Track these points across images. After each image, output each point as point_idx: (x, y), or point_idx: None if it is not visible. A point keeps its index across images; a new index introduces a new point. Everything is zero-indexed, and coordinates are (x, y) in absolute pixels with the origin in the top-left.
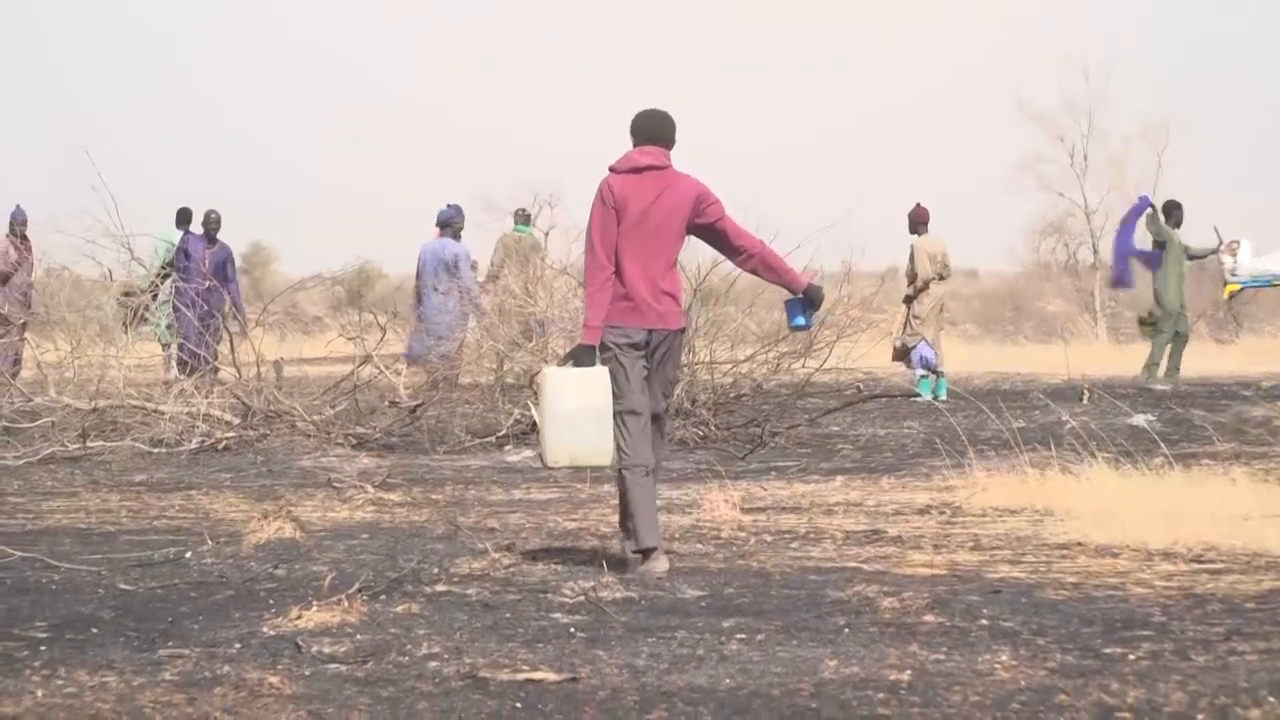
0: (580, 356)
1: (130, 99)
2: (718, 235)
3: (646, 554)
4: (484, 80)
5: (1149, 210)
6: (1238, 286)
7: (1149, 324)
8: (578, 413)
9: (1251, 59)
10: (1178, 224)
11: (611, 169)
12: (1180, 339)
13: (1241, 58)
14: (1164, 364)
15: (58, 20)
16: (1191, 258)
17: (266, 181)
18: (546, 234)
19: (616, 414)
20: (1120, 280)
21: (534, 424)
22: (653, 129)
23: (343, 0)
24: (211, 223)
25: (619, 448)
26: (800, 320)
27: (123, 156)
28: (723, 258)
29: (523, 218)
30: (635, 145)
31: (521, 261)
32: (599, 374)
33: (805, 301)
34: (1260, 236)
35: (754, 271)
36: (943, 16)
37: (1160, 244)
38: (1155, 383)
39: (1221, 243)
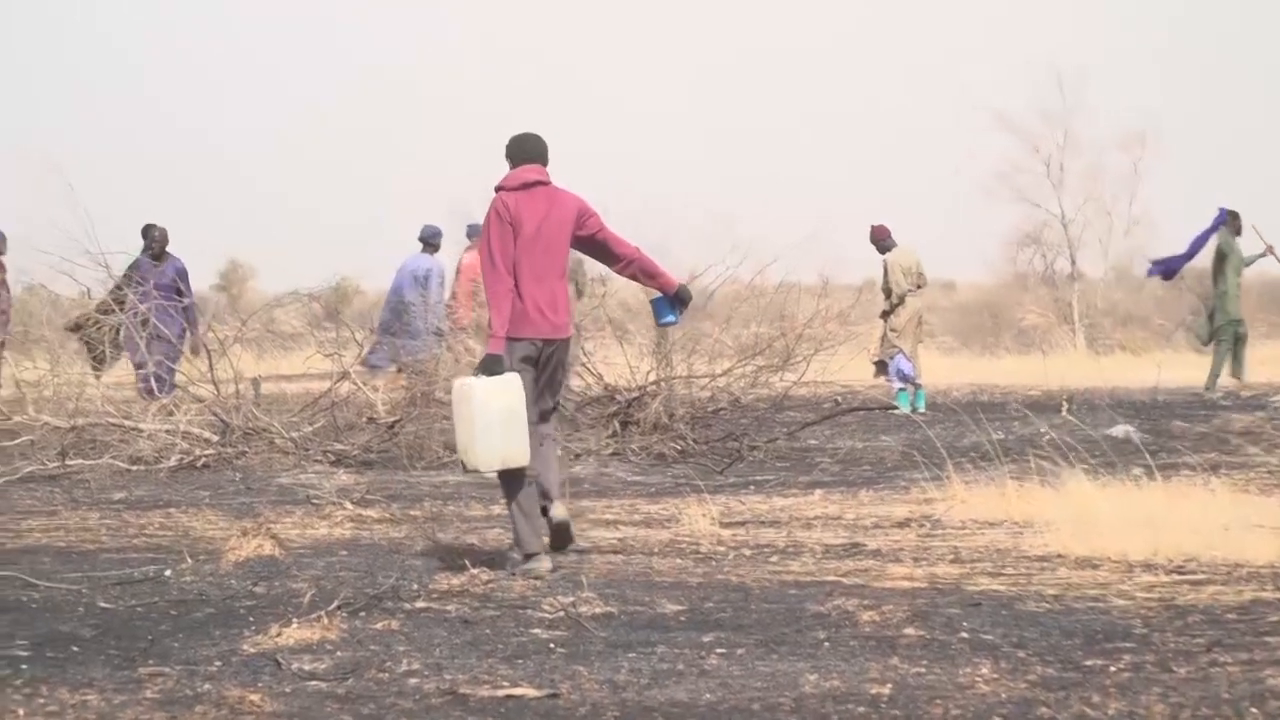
0: (490, 365)
1: (104, 114)
2: (599, 245)
3: (530, 556)
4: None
5: (1224, 223)
6: None
7: (1209, 338)
8: (503, 417)
9: (1225, 64)
10: (1237, 233)
11: (501, 187)
12: (1241, 341)
13: (1217, 62)
14: (1224, 371)
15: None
16: (1246, 264)
17: (243, 197)
18: None
19: None
20: (1169, 273)
21: None
22: (531, 149)
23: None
24: (154, 240)
25: None
26: (670, 317)
27: (97, 173)
28: (698, 272)
29: None
30: (514, 166)
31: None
32: (514, 379)
33: (675, 300)
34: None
35: (633, 277)
36: (917, 26)
37: (1223, 255)
38: (1217, 392)
39: (1267, 246)
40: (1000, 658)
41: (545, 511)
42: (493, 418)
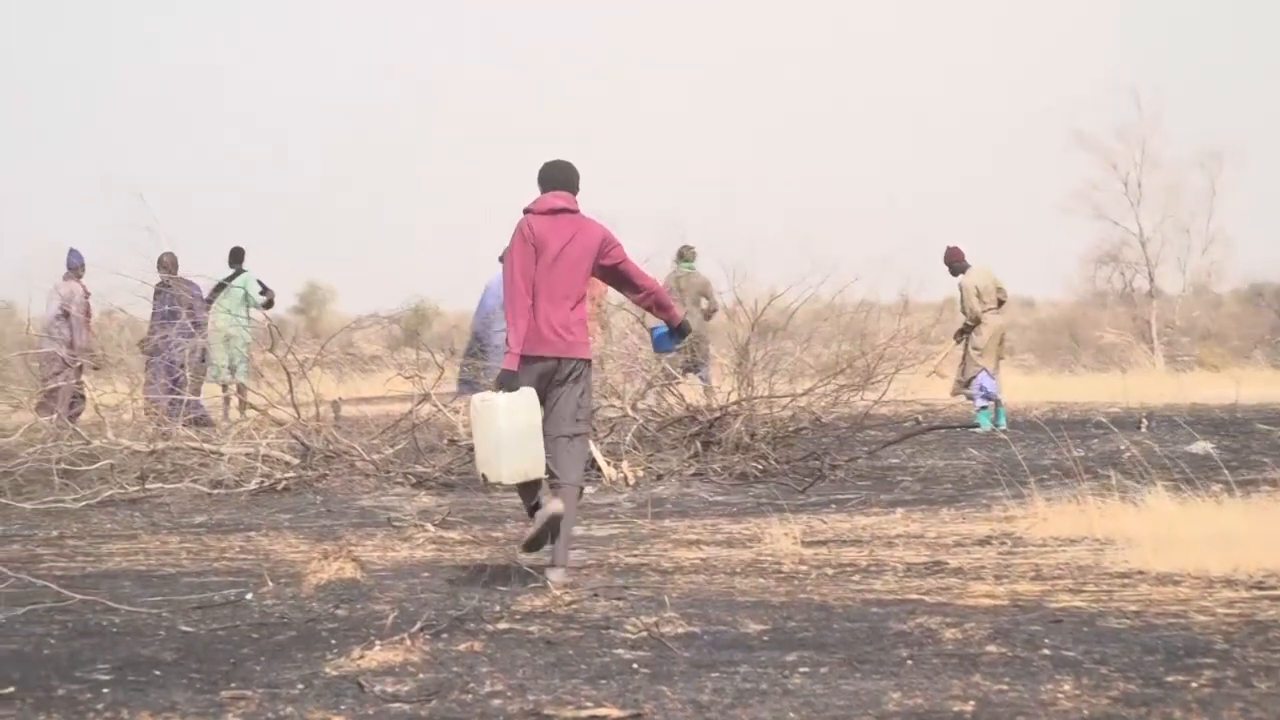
0: (507, 381)
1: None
2: (620, 275)
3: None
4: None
5: None
6: None
7: None
8: (525, 433)
9: None
10: None
11: (528, 210)
12: None
13: None
14: None
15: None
16: None
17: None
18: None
19: None
20: None
21: (593, 460)
22: (560, 177)
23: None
24: (162, 265)
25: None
26: (668, 345)
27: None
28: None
29: (689, 254)
30: (544, 192)
31: (693, 299)
32: (531, 394)
33: (676, 332)
34: None
35: (648, 308)
36: (997, 47)
37: None
38: None
39: None
40: (1082, 674)
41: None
42: (515, 433)
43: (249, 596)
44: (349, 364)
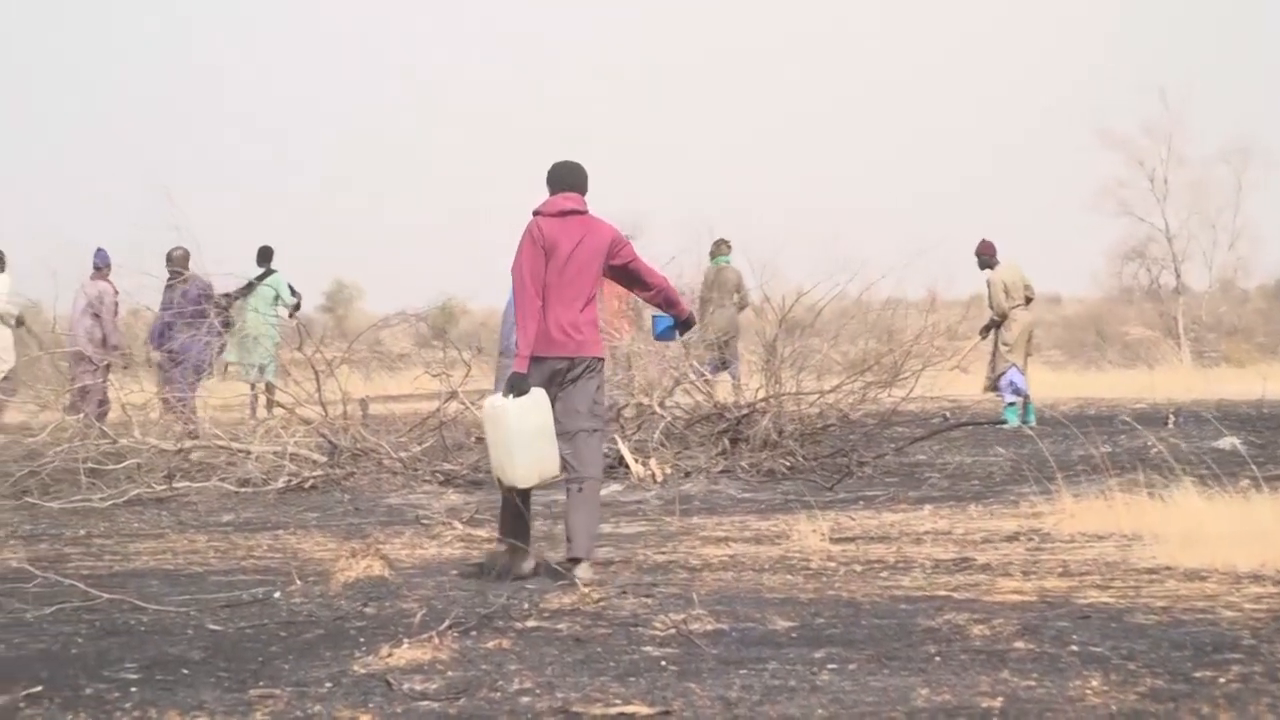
0: (518, 384)
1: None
2: (630, 274)
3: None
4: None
5: None
6: None
7: None
8: (537, 434)
9: None
10: None
11: (538, 212)
12: None
13: None
14: None
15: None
16: None
17: (349, 218)
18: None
19: None
20: None
21: (620, 458)
22: (569, 178)
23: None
24: (172, 261)
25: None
26: (671, 336)
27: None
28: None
29: (723, 249)
30: (553, 193)
31: (728, 293)
32: (542, 396)
33: (681, 324)
34: None
35: (658, 305)
36: (1022, 43)
37: None
38: None
39: None
40: (1110, 670)
41: (572, 560)
42: (527, 435)
43: (277, 595)
44: (376, 362)
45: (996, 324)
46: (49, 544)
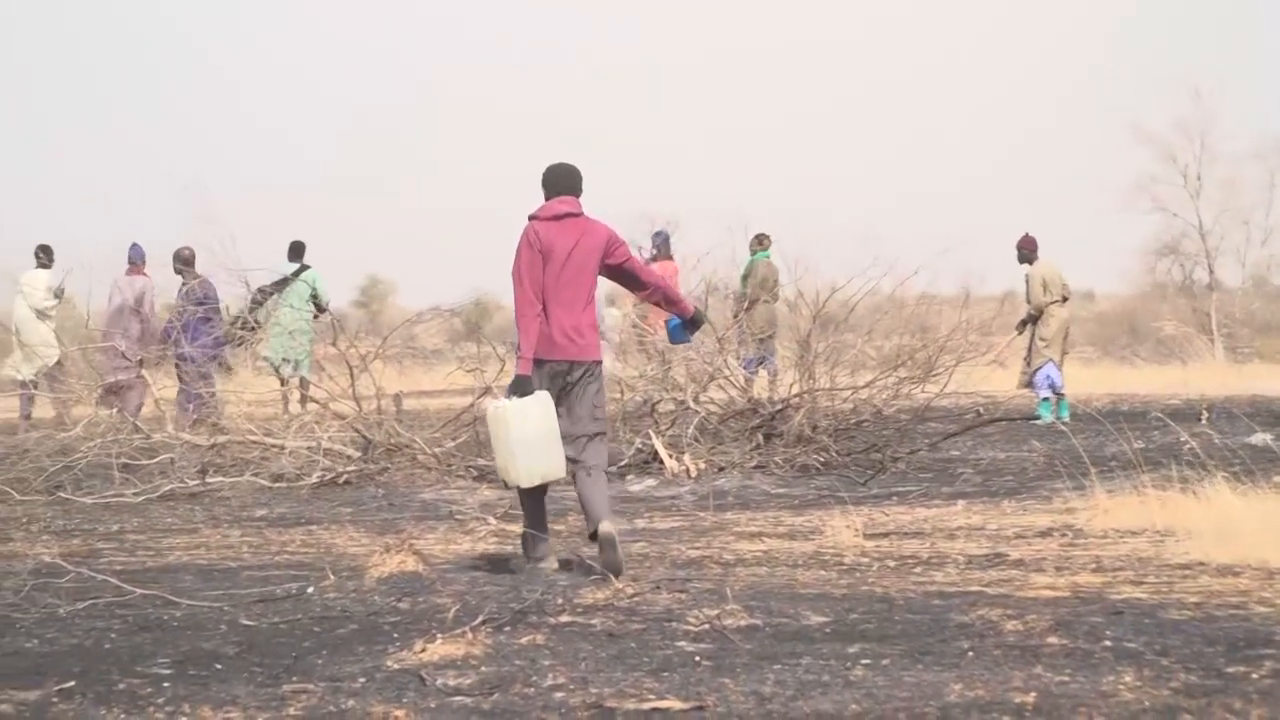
0: (521, 386)
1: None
2: (625, 274)
3: (539, 559)
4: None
5: None
6: None
7: None
8: (540, 435)
9: None
10: None
11: (534, 217)
12: None
13: None
14: None
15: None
16: None
17: (382, 215)
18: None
19: None
20: None
21: (655, 453)
22: (565, 181)
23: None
24: (180, 259)
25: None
26: (683, 336)
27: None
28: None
29: (764, 243)
30: (549, 197)
31: (766, 288)
32: (545, 398)
33: (690, 323)
34: None
35: (656, 303)
36: (1056, 41)
37: None
38: None
39: None
40: (1143, 665)
41: (594, 535)
42: (529, 437)
43: (310, 590)
44: (410, 357)
45: (1034, 319)
46: (82, 539)
